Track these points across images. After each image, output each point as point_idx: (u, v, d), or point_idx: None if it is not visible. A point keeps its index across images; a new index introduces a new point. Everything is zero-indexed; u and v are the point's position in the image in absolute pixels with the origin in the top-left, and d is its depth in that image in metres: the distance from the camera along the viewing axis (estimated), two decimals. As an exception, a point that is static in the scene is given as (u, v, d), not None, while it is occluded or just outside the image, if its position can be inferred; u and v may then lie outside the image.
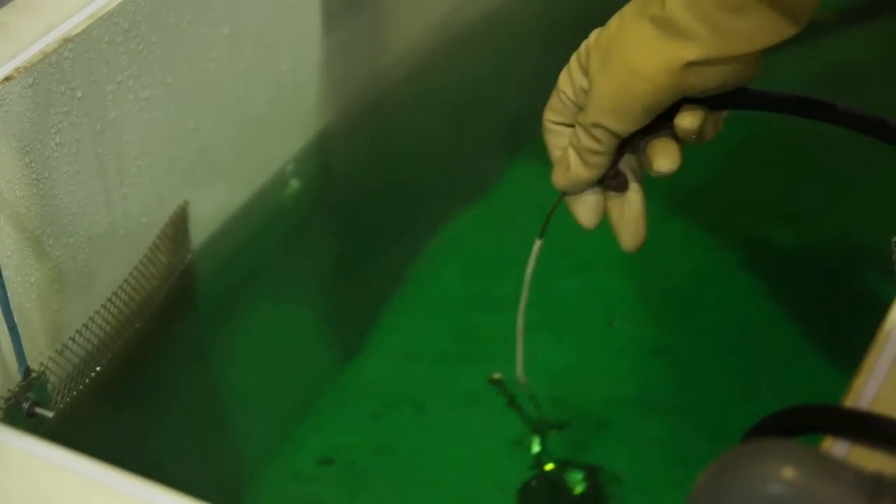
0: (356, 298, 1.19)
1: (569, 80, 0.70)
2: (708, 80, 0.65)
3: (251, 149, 1.21)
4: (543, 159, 0.73)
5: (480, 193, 1.27)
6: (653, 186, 0.74)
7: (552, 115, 0.71)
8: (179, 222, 1.11)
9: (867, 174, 1.27)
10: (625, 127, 0.67)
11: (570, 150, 0.69)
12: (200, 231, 1.16)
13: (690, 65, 0.64)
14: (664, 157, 0.68)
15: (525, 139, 1.30)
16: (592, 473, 0.98)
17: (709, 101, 0.67)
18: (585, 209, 0.72)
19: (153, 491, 0.58)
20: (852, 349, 0.63)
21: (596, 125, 0.67)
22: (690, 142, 0.69)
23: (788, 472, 0.47)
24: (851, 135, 0.67)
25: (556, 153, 0.72)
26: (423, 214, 1.26)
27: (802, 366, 1.06)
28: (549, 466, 0.99)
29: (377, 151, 1.34)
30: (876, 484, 0.47)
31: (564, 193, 0.72)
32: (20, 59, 0.88)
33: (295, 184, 1.27)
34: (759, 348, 1.08)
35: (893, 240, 0.76)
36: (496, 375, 1.02)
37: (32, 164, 0.90)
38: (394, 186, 1.29)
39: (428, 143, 1.35)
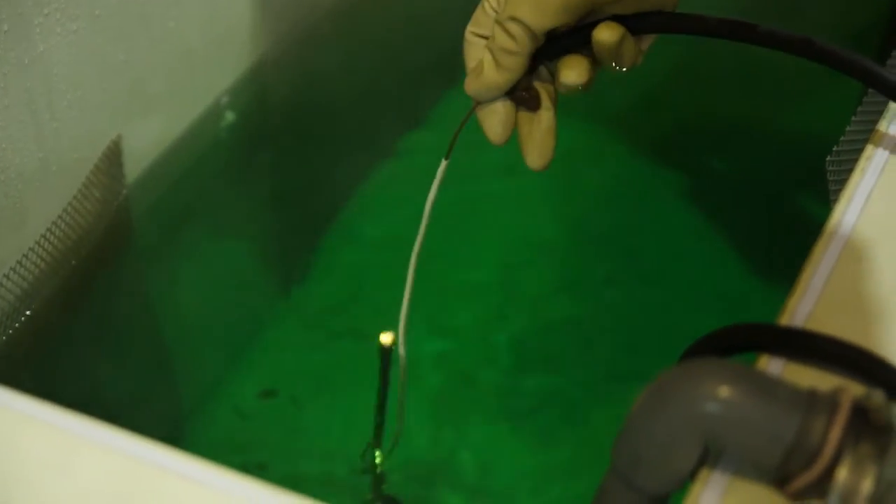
0: (296, 230, 1.19)
1: None
2: None
3: (185, 81, 1.19)
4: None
5: (417, 121, 1.26)
6: (583, 114, 0.74)
7: (474, 27, 0.71)
8: (113, 157, 1.10)
9: (802, 94, 1.27)
10: (541, 21, 0.66)
11: (485, 55, 0.69)
12: (135, 165, 1.14)
13: None
14: (571, 70, 0.68)
15: (461, 67, 1.30)
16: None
17: (629, 23, 0.67)
18: (495, 120, 0.71)
19: (92, 427, 0.58)
20: (788, 268, 0.64)
21: (512, 18, 0.66)
22: (608, 65, 0.69)
23: (724, 391, 0.48)
24: (784, 56, 0.67)
25: (472, 64, 0.71)
26: (359, 143, 1.25)
27: (739, 285, 1.07)
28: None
29: (313, 82, 1.33)
30: (810, 400, 0.48)
31: (476, 104, 0.72)
32: (-58, -7, 0.87)
33: (230, 116, 1.25)
34: (696, 270, 1.09)
35: (828, 158, 0.76)
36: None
37: (-41, 100, 0.89)
38: (330, 116, 1.28)
39: (363, 72, 1.34)
